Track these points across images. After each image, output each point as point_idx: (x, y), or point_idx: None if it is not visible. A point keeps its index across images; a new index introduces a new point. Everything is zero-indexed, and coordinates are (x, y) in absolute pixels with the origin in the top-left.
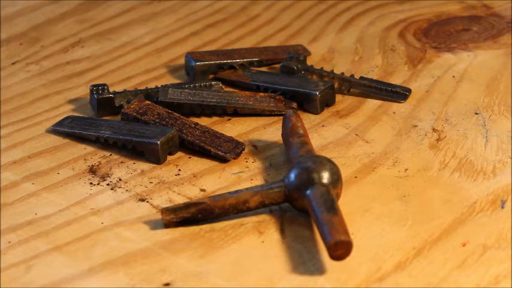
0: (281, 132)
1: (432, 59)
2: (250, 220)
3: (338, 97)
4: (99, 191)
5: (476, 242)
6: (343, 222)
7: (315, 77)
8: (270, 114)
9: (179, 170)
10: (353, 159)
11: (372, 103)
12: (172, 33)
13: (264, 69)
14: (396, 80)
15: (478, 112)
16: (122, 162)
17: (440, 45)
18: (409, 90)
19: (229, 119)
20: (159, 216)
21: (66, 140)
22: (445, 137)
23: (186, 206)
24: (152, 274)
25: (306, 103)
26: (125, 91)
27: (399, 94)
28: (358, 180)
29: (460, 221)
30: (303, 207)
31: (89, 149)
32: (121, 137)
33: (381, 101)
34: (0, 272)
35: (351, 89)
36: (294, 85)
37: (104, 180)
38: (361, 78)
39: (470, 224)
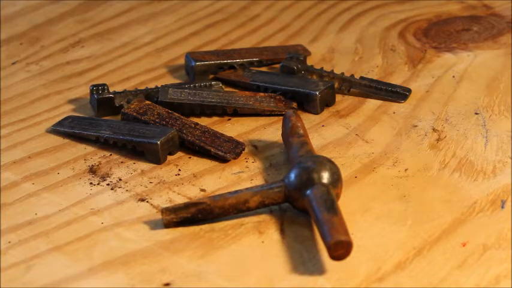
0: (281, 132)
1: (432, 59)
2: (250, 220)
3: (338, 97)
4: (99, 191)
5: (476, 242)
6: (343, 222)
7: (315, 77)
8: (270, 114)
9: (179, 170)
10: (353, 159)
11: (372, 103)
12: (172, 33)
13: (264, 69)
14: (396, 80)
15: (478, 112)
16: (122, 162)
17: (440, 45)
18: (409, 90)
19: (229, 119)
20: (159, 216)
21: (66, 140)
22: (445, 137)
23: (186, 206)
24: (152, 274)
25: (306, 103)
26: (124, 91)
27: (399, 94)
28: (358, 180)
29: (460, 221)
30: (303, 207)
31: (89, 149)
32: (121, 137)
33: (381, 101)
34: (0, 272)
35: (351, 89)
36: (294, 85)
37: (104, 180)
38: (361, 78)
39: (470, 224)
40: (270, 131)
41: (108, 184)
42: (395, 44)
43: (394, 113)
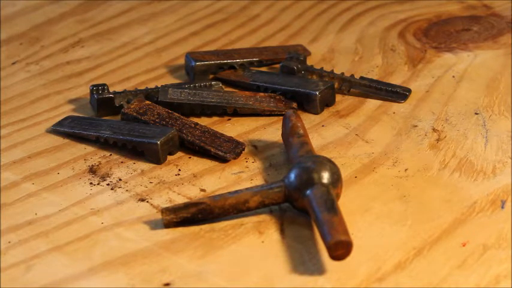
0: (281, 132)
1: (432, 59)
2: (250, 220)
3: (338, 97)
4: (99, 191)
5: (476, 242)
6: (343, 222)
7: (315, 77)
8: (270, 114)
9: (179, 170)
10: (353, 159)
11: (372, 103)
12: (172, 33)
13: (264, 69)
14: (396, 80)
15: (478, 112)
16: (122, 162)
17: (440, 45)
18: (409, 90)
19: (229, 119)
20: (159, 216)
21: (66, 140)
22: (445, 137)
23: (186, 206)
24: (152, 274)
25: (306, 103)
26: (124, 91)
27: (399, 94)
28: (358, 180)
29: (460, 221)
30: (303, 207)
31: (89, 149)
32: (121, 137)
33: (381, 101)
34: (0, 272)
35: (351, 89)
36: (294, 85)
37: (104, 180)
38: (361, 78)
39: (470, 224)
40: (270, 131)
41: (108, 184)
42: (395, 44)
43: (394, 113)
